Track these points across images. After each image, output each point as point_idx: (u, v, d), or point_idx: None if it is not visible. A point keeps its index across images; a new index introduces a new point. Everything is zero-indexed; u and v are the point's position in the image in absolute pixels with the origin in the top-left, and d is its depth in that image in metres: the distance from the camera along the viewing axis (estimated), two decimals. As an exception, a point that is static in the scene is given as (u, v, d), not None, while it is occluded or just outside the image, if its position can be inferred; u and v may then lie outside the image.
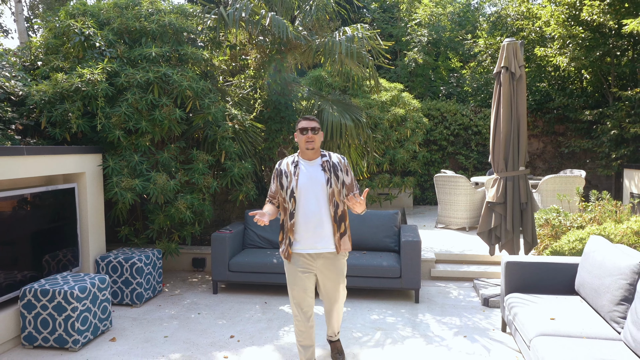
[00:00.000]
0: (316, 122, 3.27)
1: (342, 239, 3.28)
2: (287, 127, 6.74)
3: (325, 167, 3.23)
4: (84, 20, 5.53)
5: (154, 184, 5.00)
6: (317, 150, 3.28)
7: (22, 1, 10.13)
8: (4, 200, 4.00)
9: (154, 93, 5.25)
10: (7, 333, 3.91)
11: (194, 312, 4.82)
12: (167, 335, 4.22)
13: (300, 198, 3.20)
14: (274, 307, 4.97)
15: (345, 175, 3.28)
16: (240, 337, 4.19)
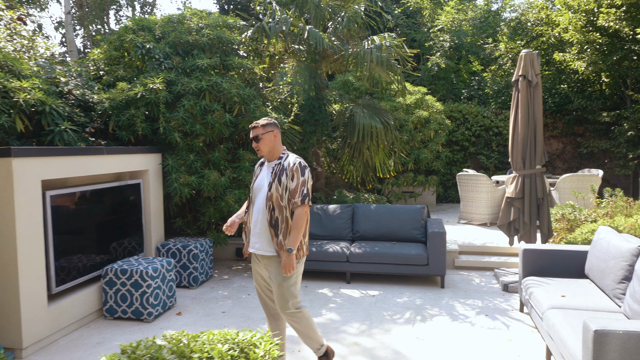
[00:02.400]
0: (259, 129, 3.22)
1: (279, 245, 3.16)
2: (320, 129, 7.34)
3: (274, 170, 3.20)
4: (144, 35, 6.21)
5: (207, 180, 5.65)
6: (273, 152, 3.26)
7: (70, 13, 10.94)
8: (88, 193, 4.69)
9: (206, 99, 5.90)
10: (91, 306, 4.59)
11: (244, 293, 5.45)
12: (225, 311, 4.86)
13: (253, 198, 3.28)
14: (314, 290, 5.57)
15: (290, 181, 3.14)
16: (287, 313, 4.79)
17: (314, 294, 5.41)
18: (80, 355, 3.86)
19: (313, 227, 6.39)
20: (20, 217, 3.76)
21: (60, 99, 5.47)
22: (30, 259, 3.86)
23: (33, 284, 3.89)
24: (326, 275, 6.18)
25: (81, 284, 4.67)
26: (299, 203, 3.12)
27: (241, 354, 2.10)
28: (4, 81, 4.69)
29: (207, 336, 2.41)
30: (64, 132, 5.00)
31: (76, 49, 11.27)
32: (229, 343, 2.15)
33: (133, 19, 6.71)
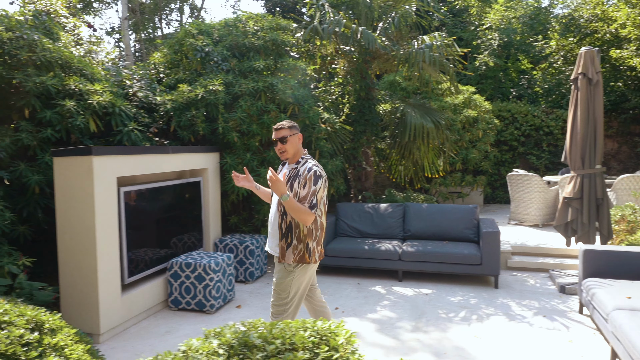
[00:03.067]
0: (285, 130, 3.18)
1: (287, 249, 3.14)
2: (370, 129, 7.41)
3: (289, 175, 3.19)
4: (203, 39, 6.47)
5: (263, 179, 5.82)
6: (296, 155, 3.23)
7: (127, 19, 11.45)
8: (154, 190, 4.94)
9: (262, 100, 6.09)
10: (158, 297, 4.84)
11: (298, 289, 5.59)
12: (282, 305, 5.01)
13: (272, 198, 3.38)
14: (367, 287, 5.65)
15: (302, 188, 3.10)
16: (343, 309, 4.90)
17: (367, 291, 5.49)
18: (152, 342, 4.09)
19: (365, 225, 6.47)
20: (99, 211, 4.02)
21: (126, 100, 5.77)
22: (106, 250, 4.12)
23: (109, 274, 4.15)
24: (378, 273, 6.25)
25: (149, 275, 4.92)
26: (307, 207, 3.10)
27: (322, 340, 2.21)
28: (80, 85, 5.01)
29: (284, 324, 2.54)
30: (131, 132, 5.29)
31: (132, 53, 11.78)
32: (309, 330, 2.27)
33: (192, 23, 6.99)
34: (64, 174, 4.09)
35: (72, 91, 4.98)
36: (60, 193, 4.13)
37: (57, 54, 5.03)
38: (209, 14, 29.59)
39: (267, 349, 2.14)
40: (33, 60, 4.85)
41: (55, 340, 2.88)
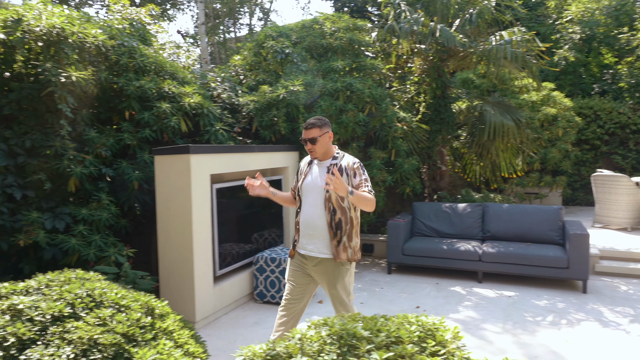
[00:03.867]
0: (315, 129, 3.08)
1: (338, 248, 3.04)
2: (446, 128, 7.31)
3: (330, 170, 3.07)
4: (282, 41, 6.66)
5: (342, 177, 5.92)
6: (327, 153, 3.14)
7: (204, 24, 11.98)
8: (240, 187, 5.16)
9: (340, 100, 6.18)
10: (244, 289, 5.06)
11: (377, 286, 5.64)
12: (363, 302, 5.08)
13: (303, 198, 3.15)
14: (446, 287, 5.59)
15: (353, 178, 3.03)
16: (424, 308, 4.89)
17: (447, 291, 5.44)
18: (243, 332, 4.29)
19: (442, 225, 6.40)
20: (196, 206, 4.27)
21: (212, 102, 6.06)
22: (201, 243, 4.36)
23: (203, 266, 4.39)
24: (455, 273, 6.16)
25: (236, 269, 5.15)
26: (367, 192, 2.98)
27: (428, 335, 2.25)
28: (173, 87, 5.32)
29: (383, 318, 2.60)
30: (218, 132, 5.55)
31: (209, 57, 12.31)
32: (414, 325, 2.31)
33: (272, 26, 7.21)
34: (164, 171, 4.38)
35: (165, 94, 5.30)
36: (160, 189, 4.43)
37: (153, 59, 5.38)
38: (279, 16, 30.20)
39: (375, 341, 2.21)
40: (133, 66, 5.21)
41: (165, 325, 3.10)
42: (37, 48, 4.48)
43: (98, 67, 4.95)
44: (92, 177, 4.69)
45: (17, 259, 4.46)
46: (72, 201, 4.68)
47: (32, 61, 4.42)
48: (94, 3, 18.33)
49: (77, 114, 4.68)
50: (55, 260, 4.32)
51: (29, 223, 4.11)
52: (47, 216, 4.24)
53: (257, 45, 7.05)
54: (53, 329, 2.70)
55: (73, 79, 4.33)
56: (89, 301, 2.98)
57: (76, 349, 2.62)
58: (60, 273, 3.25)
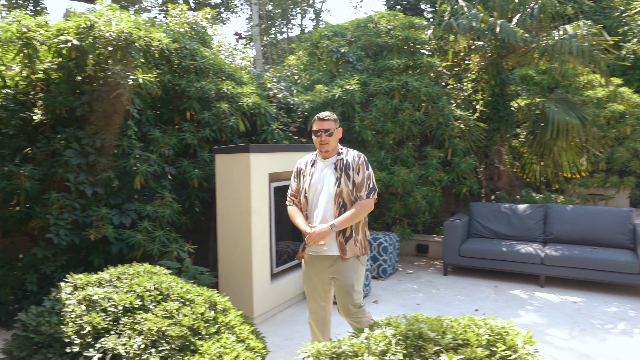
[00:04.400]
0: (331, 122, 3.08)
1: (348, 243, 3.04)
2: (504, 126, 7.08)
3: (338, 166, 3.07)
4: (338, 40, 6.67)
5: (397, 177, 5.86)
6: (334, 150, 3.13)
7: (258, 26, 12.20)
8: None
9: (395, 98, 6.12)
10: (298, 287, 5.10)
11: (433, 288, 5.54)
12: (419, 304, 5.00)
13: (311, 198, 3.12)
14: (505, 290, 5.41)
15: (356, 175, 3.05)
16: (484, 311, 4.76)
17: (507, 295, 5.26)
18: (299, 329, 4.32)
19: (501, 226, 6.20)
20: (255, 204, 4.35)
21: (268, 102, 6.15)
22: (260, 240, 4.44)
23: (261, 263, 4.47)
24: (515, 276, 5.96)
25: (292, 267, 5.20)
26: (364, 197, 3.03)
27: (497, 339, 2.18)
28: (231, 88, 5.45)
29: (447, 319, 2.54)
30: (274, 131, 5.62)
31: (262, 58, 12.54)
32: (482, 328, 2.25)
33: (326, 26, 7.23)
34: (224, 170, 4.49)
35: (224, 94, 5.43)
36: (220, 187, 4.54)
37: (213, 61, 5.53)
38: (331, 16, 30.32)
39: (442, 343, 2.17)
40: (194, 68, 5.37)
41: (227, 320, 3.17)
42: (106, 52, 4.71)
43: (162, 70, 5.14)
44: (156, 175, 4.88)
45: (87, 252, 4.71)
46: (137, 198, 4.89)
47: (102, 65, 4.64)
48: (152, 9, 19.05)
49: (142, 114, 4.87)
50: (121, 254, 4.52)
51: (98, 218, 4.32)
52: (115, 212, 4.45)
53: (312, 45, 7.10)
54: (125, 320, 2.83)
55: (140, 81, 4.51)
56: (156, 294, 3.09)
57: (146, 340, 2.72)
58: (130, 267, 3.39)
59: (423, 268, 6.44)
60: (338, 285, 3.09)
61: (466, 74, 7.56)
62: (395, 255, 6.13)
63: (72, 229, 4.31)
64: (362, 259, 3.13)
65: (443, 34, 6.76)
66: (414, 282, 5.80)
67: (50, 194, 4.30)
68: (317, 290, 3.22)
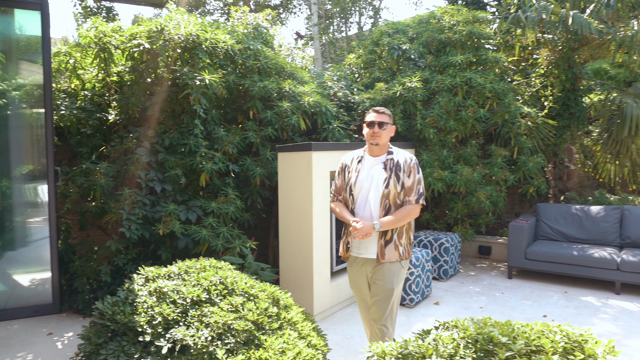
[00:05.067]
0: (386, 116, 2.94)
1: (387, 246, 2.91)
2: (575, 123, 6.71)
3: (387, 166, 2.92)
4: (399, 37, 6.58)
5: (460, 176, 5.70)
6: (384, 147, 2.97)
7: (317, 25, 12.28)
8: (357, 184, 5.19)
9: (459, 95, 5.95)
10: (359, 286, 5.08)
11: (496, 291, 5.35)
12: (482, 307, 4.84)
13: (357, 196, 2.98)
14: (576, 296, 5.13)
15: (407, 177, 2.90)
16: (552, 317, 4.53)
17: (578, 301, 4.99)
18: (359, 328, 4.30)
19: (571, 228, 5.89)
20: (316, 202, 4.37)
21: (329, 100, 6.17)
22: (321, 238, 4.46)
23: (322, 261, 4.49)
24: (586, 282, 5.63)
25: (351, 265, 5.19)
26: (413, 202, 2.90)
27: (574, 347, 2.07)
28: (293, 87, 5.50)
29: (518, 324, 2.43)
30: (335, 130, 5.63)
31: (321, 57, 12.61)
32: (558, 334, 2.14)
33: (387, 23, 7.16)
34: (286, 168, 4.55)
35: (286, 93, 5.50)
36: (283, 185, 4.61)
37: (275, 61, 5.61)
38: (390, 13, 30.02)
39: (514, 348, 2.08)
40: (257, 68, 5.48)
41: (290, 316, 3.20)
42: (175, 54, 4.90)
43: (227, 70, 5.28)
44: (220, 173, 5.02)
45: (155, 247, 4.92)
46: (202, 195, 5.05)
47: (171, 67, 4.83)
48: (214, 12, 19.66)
49: (208, 114, 5.03)
50: (187, 249, 4.70)
51: (166, 214, 4.51)
52: (181, 208, 4.62)
53: (372, 43, 7.05)
54: (192, 312, 2.92)
55: (206, 82, 4.66)
56: (222, 288, 3.18)
57: (213, 332, 2.81)
58: (197, 261, 3.51)
59: (486, 270, 6.23)
60: (377, 289, 2.96)
61: (534, 69, 7.23)
62: (457, 257, 5.97)
63: (142, 223, 4.52)
64: (404, 263, 2.99)
65: (509, 28, 6.49)
66: (477, 284, 5.62)
67: (123, 190, 4.53)
68: (362, 293, 3.12)
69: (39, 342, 4.03)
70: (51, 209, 4.67)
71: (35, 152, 5.26)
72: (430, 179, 5.71)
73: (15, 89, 5.48)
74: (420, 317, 4.60)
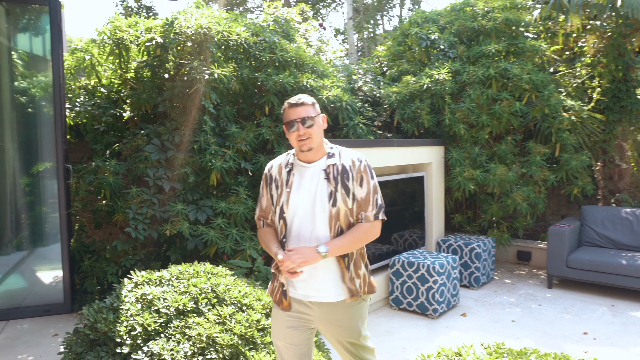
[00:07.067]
0: (309, 107, 2.09)
1: (344, 281, 2.13)
2: (627, 117, 6.06)
3: (330, 175, 2.10)
4: (428, 27, 6.15)
5: (493, 175, 5.23)
6: (319, 148, 2.14)
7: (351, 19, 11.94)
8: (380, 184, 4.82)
9: (492, 88, 5.47)
10: (379, 294, 4.74)
11: (533, 302, 4.86)
12: (515, 320, 4.38)
13: (292, 221, 2.13)
14: (624, 311, 4.58)
15: (358, 187, 2.10)
16: (594, 335, 4.03)
17: (626, 317, 4.44)
18: (373, 341, 3.97)
19: (621, 234, 5.29)
20: (327, 204, 4.06)
21: (352, 95, 5.83)
22: (332, 242, 4.14)
23: (334, 267, 4.17)
24: (637, 295, 5.04)
25: (372, 271, 4.84)
26: (370, 218, 2.11)
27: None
28: (311, 81, 5.21)
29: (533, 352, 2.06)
30: (357, 126, 5.30)
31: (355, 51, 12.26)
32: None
33: (417, 11, 6.74)
34: (296, 166, 4.26)
35: (304, 87, 5.21)
36: (293, 184, 4.32)
37: (293, 53, 5.34)
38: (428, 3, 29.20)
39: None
40: (273, 61, 5.23)
41: (287, 329, 2.92)
42: (187, 48, 4.72)
43: (240, 64, 5.05)
44: (233, 171, 4.80)
45: (167, 247, 4.77)
46: (215, 194, 4.85)
47: (182, 61, 4.65)
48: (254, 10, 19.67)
49: (220, 110, 4.82)
50: (197, 250, 4.50)
51: (174, 214, 4.33)
52: (191, 208, 4.43)
53: (401, 34, 6.65)
54: (176, 323, 2.69)
55: (215, 76, 4.44)
56: (212, 297, 2.93)
57: (194, 347, 2.56)
58: (190, 266, 3.28)
59: (524, 278, 5.72)
60: (341, 337, 2.20)
61: (580, 59, 6.61)
62: (491, 263, 5.51)
63: (150, 223, 4.36)
64: (366, 296, 2.23)
65: (551, 14, 5.94)
66: (512, 294, 5.14)
67: (131, 189, 4.39)
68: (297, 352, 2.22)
69: (43, 344, 3.95)
70: (61, 207, 4.60)
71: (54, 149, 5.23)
72: (459, 179, 5.28)
73: (36, 87, 5.48)
74: (443, 329, 4.20)
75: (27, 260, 5.67)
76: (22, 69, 5.56)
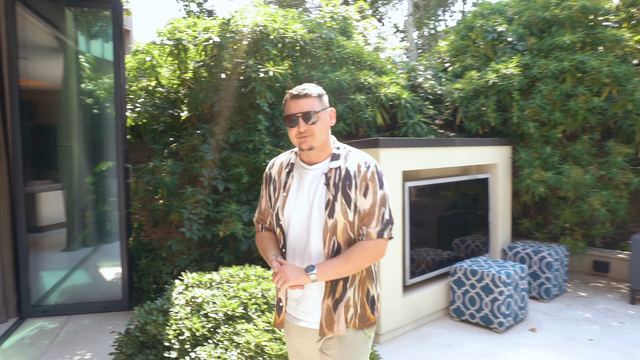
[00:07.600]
0: (314, 100, 1.80)
1: (337, 309, 1.80)
2: None
3: (330, 181, 1.80)
4: (494, 19, 5.77)
5: (567, 177, 4.80)
6: (324, 147, 1.85)
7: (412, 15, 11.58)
8: (438, 186, 4.56)
9: (567, 82, 5.03)
10: (438, 303, 4.46)
11: (613, 319, 4.39)
12: (592, 339, 3.96)
13: (289, 230, 1.87)
14: None
15: (361, 196, 1.79)
16: (689, 361, 3.55)
17: None
18: (432, 354, 3.71)
19: None
20: (384, 206, 3.85)
21: (412, 92, 5.57)
22: (390, 245, 3.92)
23: (391, 272, 3.95)
24: None
25: (430, 279, 4.57)
26: (373, 236, 1.78)
27: None
28: (369, 78, 5.01)
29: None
30: (416, 124, 5.04)
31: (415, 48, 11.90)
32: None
33: (483, 3, 6.36)
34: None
35: (361, 85, 5.02)
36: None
37: (350, 50, 5.16)
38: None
39: None
40: (329, 58, 5.08)
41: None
42: (243, 47, 4.66)
43: (296, 61, 4.94)
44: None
45: (221, 248, 4.73)
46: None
47: (238, 59, 4.60)
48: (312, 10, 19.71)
49: (275, 109, 4.73)
50: (250, 252, 4.43)
51: (228, 215, 4.27)
52: (244, 209, 4.35)
53: (465, 27, 6.29)
54: (224, 329, 2.58)
55: (270, 74, 4.35)
56: (261, 302, 2.81)
57: (242, 355, 2.44)
58: (241, 269, 3.19)
59: (601, 291, 5.22)
60: None
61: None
62: (563, 273, 5.06)
63: (204, 223, 4.33)
64: (369, 330, 1.89)
65: (635, 0, 5.39)
66: (588, 308, 4.68)
67: (186, 189, 4.38)
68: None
69: (100, 340, 4.01)
70: (121, 206, 4.68)
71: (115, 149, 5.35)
72: (528, 181, 4.89)
73: (101, 89, 5.65)
74: (510, 346, 3.87)
75: (91, 257, 5.86)
76: (89, 72, 5.75)
